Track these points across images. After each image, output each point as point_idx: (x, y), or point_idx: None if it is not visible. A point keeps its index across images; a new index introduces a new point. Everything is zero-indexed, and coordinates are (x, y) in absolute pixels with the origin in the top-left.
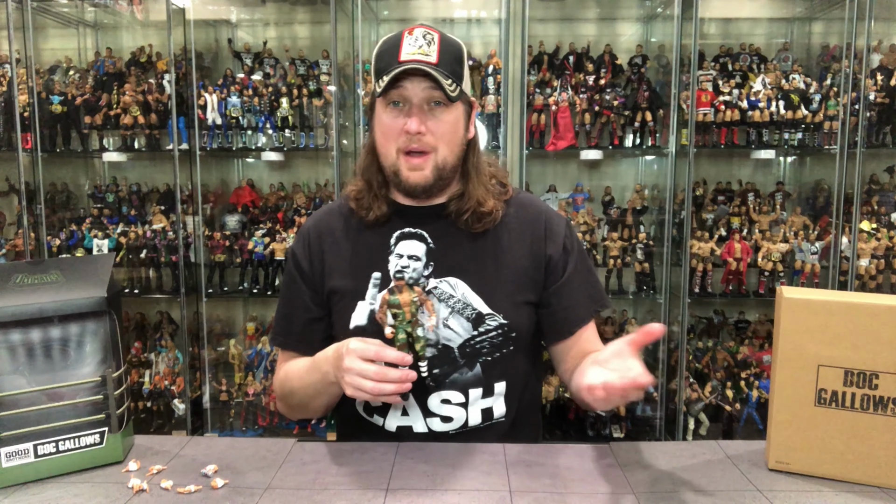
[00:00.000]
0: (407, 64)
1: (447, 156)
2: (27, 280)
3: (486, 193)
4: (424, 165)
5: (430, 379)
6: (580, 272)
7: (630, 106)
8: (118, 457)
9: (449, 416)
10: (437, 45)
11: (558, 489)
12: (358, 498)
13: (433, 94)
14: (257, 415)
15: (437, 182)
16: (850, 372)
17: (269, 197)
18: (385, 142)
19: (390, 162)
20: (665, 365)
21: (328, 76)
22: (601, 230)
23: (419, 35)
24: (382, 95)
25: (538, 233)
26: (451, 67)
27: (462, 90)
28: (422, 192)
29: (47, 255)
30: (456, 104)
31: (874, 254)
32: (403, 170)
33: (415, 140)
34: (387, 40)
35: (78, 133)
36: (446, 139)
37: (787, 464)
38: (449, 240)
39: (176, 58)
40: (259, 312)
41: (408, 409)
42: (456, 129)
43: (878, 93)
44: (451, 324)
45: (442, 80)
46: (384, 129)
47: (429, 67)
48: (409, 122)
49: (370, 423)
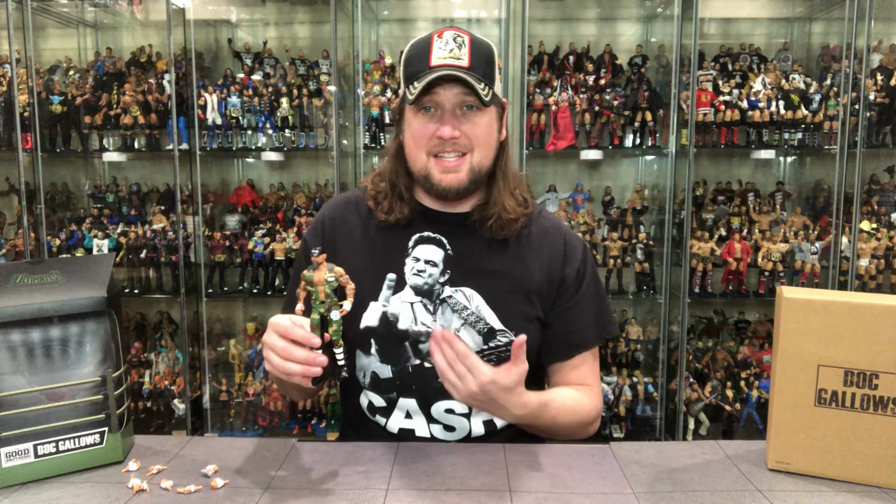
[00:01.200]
0: (438, 70)
1: (482, 159)
2: (27, 280)
3: (512, 200)
4: (460, 168)
5: (345, 370)
6: (590, 297)
7: (630, 106)
8: (118, 457)
9: (452, 426)
10: (468, 47)
11: (558, 489)
12: (358, 498)
13: (466, 98)
14: (257, 415)
15: (471, 186)
16: (850, 372)
17: (269, 197)
18: (415, 147)
19: (420, 166)
20: (665, 365)
21: (328, 76)
22: (601, 230)
23: (449, 38)
24: (414, 103)
25: (556, 253)
26: (482, 70)
27: (494, 93)
28: (455, 196)
29: (47, 255)
30: (489, 107)
31: (874, 254)
32: (435, 173)
33: (448, 145)
34: (415, 44)
35: (78, 133)
36: (481, 142)
37: (787, 464)
38: (468, 249)
39: (176, 58)
40: (259, 312)
41: (412, 413)
42: (490, 132)
43: (878, 93)
44: (461, 335)
45: (475, 84)
46: (415, 134)
47: (461, 72)
48: (442, 128)
49: (373, 422)
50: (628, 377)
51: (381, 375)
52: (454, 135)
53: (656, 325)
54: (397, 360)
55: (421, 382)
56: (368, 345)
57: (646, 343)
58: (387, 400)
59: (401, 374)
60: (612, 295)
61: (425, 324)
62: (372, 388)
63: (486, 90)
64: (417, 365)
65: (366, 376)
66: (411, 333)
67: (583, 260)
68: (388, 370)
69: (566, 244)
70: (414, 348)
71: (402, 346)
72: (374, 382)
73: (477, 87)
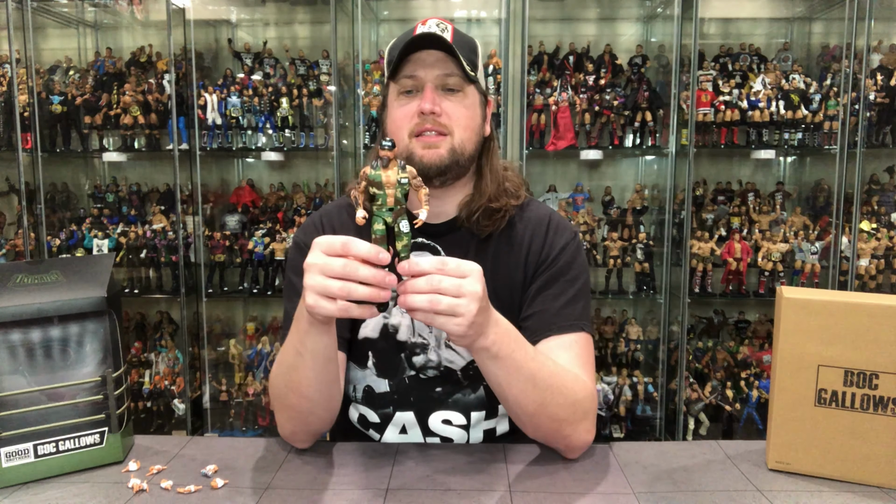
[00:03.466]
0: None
1: (464, 141)
2: (27, 280)
3: (499, 191)
4: (440, 144)
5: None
6: (568, 282)
7: (630, 106)
8: (118, 457)
9: (449, 438)
10: (451, 33)
11: (558, 489)
12: (358, 498)
13: (447, 79)
14: (257, 415)
15: (453, 166)
16: (850, 372)
17: (269, 197)
18: (397, 130)
19: (402, 147)
20: (665, 365)
21: (328, 76)
22: (601, 230)
23: (432, 24)
24: (394, 79)
25: (539, 238)
26: (465, 54)
27: (477, 78)
28: (436, 175)
29: (47, 255)
30: (471, 90)
31: (874, 254)
32: (417, 150)
33: (429, 120)
34: (400, 35)
35: (78, 133)
36: (462, 124)
37: (787, 464)
38: (458, 253)
39: (176, 58)
40: (259, 312)
41: (407, 428)
42: (473, 114)
43: (878, 93)
44: (453, 344)
45: (458, 53)
46: (396, 116)
47: (444, 39)
48: (423, 102)
49: (365, 436)
50: (628, 377)
51: (377, 390)
52: (434, 109)
53: (656, 325)
54: (394, 374)
55: (419, 394)
56: (365, 358)
57: (646, 343)
58: (381, 415)
59: (398, 387)
60: (612, 295)
61: (422, 335)
62: (365, 403)
63: (468, 66)
64: (413, 376)
65: (356, 390)
66: (408, 345)
67: (564, 246)
68: (384, 384)
69: (550, 228)
70: (409, 360)
71: (398, 358)
72: (367, 397)
73: (459, 56)
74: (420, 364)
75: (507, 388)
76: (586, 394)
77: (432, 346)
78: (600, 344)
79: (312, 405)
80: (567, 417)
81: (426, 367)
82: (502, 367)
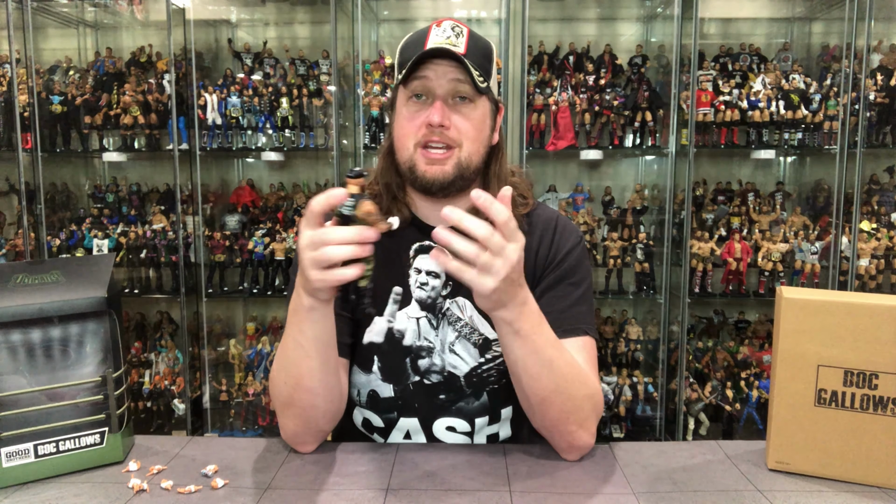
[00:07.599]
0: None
1: (472, 154)
2: (27, 280)
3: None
4: (446, 161)
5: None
6: (572, 285)
7: (630, 106)
8: (118, 457)
9: (453, 444)
10: (466, 38)
11: (558, 489)
12: (358, 497)
13: (459, 87)
14: (257, 415)
15: (457, 180)
16: (850, 372)
17: (269, 197)
18: (403, 136)
19: (406, 157)
20: (665, 365)
21: (328, 76)
22: (601, 230)
23: (447, 27)
24: (404, 83)
25: (546, 241)
26: (478, 61)
27: (489, 86)
28: (439, 189)
29: (47, 255)
30: (482, 101)
31: (874, 254)
32: (420, 164)
33: (436, 133)
34: (413, 33)
35: (78, 133)
36: (471, 137)
37: (787, 464)
38: None
39: (176, 58)
40: (259, 312)
41: (412, 434)
42: (482, 126)
43: (878, 93)
44: (457, 349)
45: (470, 67)
46: (402, 122)
47: (456, 52)
48: (432, 112)
49: (369, 440)
50: (628, 377)
51: (382, 395)
52: (444, 122)
53: (656, 325)
54: (399, 379)
55: (423, 400)
56: (370, 362)
57: (646, 343)
58: (386, 420)
59: (403, 393)
60: (612, 295)
61: (428, 339)
62: (370, 407)
63: (480, 78)
64: (417, 382)
65: (361, 395)
66: (413, 349)
67: (570, 249)
68: (389, 389)
69: (557, 231)
70: (413, 365)
71: (403, 363)
72: (372, 401)
73: (471, 69)
74: (424, 367)
75: (524, 368)
76: (595, 393)
77: (437, 350)
78: (600, 344)
79: (315, 398)
80: (576, 410)
81: (430, 370)
82: (522, 345)
